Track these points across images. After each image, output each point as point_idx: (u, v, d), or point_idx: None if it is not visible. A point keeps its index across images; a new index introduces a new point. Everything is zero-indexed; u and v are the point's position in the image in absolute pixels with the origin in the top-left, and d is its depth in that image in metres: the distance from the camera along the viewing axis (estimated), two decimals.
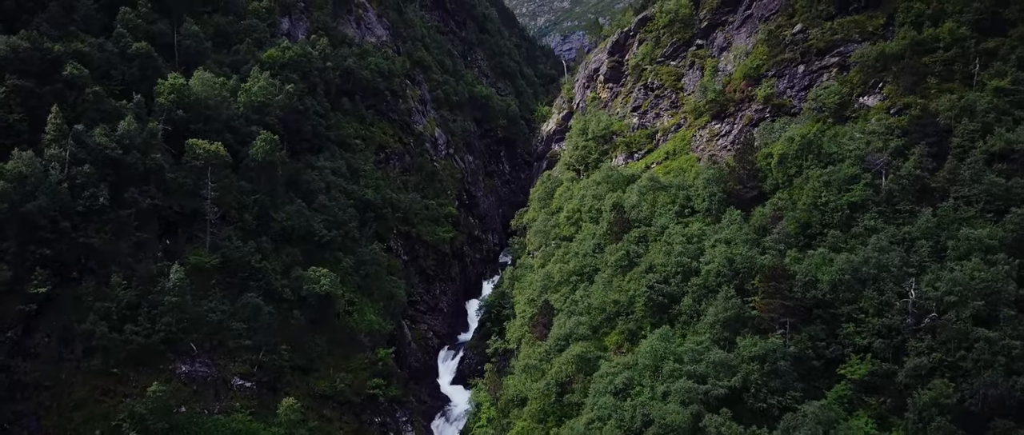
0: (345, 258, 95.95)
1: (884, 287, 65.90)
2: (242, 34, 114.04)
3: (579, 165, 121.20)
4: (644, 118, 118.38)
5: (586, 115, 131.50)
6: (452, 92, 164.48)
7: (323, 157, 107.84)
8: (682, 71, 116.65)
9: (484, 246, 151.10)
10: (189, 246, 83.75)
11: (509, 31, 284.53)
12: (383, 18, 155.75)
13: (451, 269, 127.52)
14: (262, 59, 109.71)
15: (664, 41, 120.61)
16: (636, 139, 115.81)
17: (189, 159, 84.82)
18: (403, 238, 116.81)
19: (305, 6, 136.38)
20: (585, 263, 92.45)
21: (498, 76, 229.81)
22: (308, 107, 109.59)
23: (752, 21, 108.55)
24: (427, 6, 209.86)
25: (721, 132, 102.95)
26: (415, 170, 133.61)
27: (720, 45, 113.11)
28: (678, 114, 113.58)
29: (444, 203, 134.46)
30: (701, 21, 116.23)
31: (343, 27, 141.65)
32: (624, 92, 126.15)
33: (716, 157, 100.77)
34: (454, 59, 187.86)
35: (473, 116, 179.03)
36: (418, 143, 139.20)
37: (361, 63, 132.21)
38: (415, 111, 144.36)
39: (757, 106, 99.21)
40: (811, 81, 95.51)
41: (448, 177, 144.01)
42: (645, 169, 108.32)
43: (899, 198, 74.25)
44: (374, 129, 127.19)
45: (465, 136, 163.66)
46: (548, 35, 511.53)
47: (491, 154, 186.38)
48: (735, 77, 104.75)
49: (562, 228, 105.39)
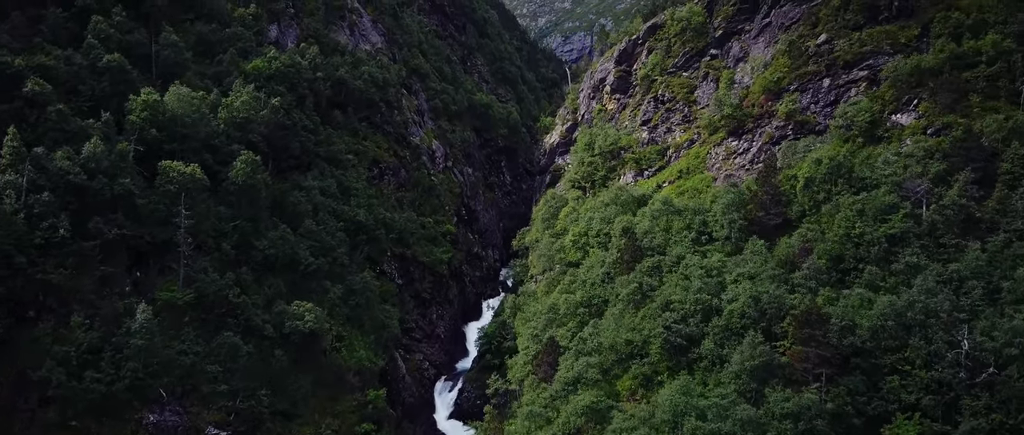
0: (333, 287, 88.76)
1: (933, 335, 58.71)
2: (226, 43, 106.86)
3: (585, 182, 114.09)
4: (654, 133, 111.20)
5: (592, 128, 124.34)
6: (450, 101, 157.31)
7: (311, 176, 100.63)
8: (695, 83, 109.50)
9: (484, 263, 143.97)
10: (161, 279, 76.56)
11: (510, 34, 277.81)
12: (378, 24, 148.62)
13: (449, 291, 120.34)
14: (246, 70, 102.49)
15: (675, 50, 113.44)
16: (646, 155, 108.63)
17: (162, 183, 77.57)
18: (398, 261, 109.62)
19: (295, 12, 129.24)
20: (593, 294, 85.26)
21: (498, 82, 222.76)
22: (296, 122, 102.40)
23: (771, 30, 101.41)
24: (425, 10, 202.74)
25: (739, 150, 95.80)
26: (411, 185, 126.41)
27: (736, 55, 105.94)
28: (691, 129, 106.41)
29: (441, 220, 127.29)
30: (715, 30, 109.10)
31: (335, 34, 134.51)
32: (632, 104, 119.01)
33: (734, 177, 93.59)
34: (453, 66, 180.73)
35: (472, 125, 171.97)
36: (415, 156, 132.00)
37: (354, 73, 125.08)
38: (411, 122, 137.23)
39: (778, 122, 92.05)
40: (837, 96, 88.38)
41: (446, 192, 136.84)
42: (656, 188, 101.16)
43: (943, 230, 67.09)
44: (367, 143, 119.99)
45: (464, 147, 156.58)
46: (549, 36, 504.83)
47: (491, 164, 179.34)
48: (753, 90, 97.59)
49: (568, 253, 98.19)
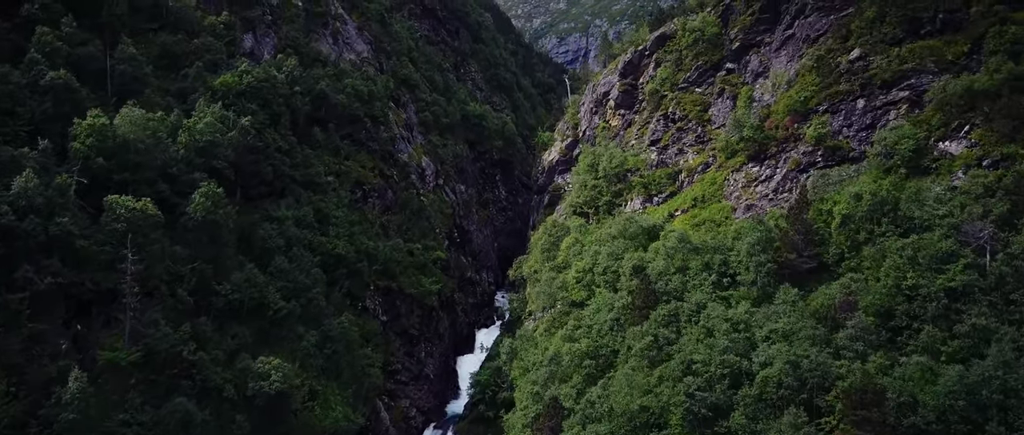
0: (307, 334, 78.79)
1: (1015, 419, 49.08)
2: (193, 56, 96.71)
3: (587, 208, 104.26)
4: (664, 154, 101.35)
5: (595, 147, 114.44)
6: (442, 114, 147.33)
7: (285, 204, 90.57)
8: (709, 100, 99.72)
9: (478, 288, 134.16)
10: (107, 333, 66.40)
11: (505, 37, 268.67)
12: (364, 32, 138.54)
13: (439, 325, 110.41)
14: (214, 86, 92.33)
15: (687, 64, 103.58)
16: (656, 179, 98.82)
17: (109, 221, 67.39)
18: (382, 295, 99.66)
19: (273, 20, 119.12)
20: (601, 343, 75.54)
21: (493, 89, 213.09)
22: (268, 143, 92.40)
23: (794, 43, 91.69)
24: (416, 14, 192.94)
25: (760, 177, 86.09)
26: (398, 207, 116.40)
27: (755, 70, 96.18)
28: (705, 151, 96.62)
29: (431, 245, 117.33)
30: (731, 42, 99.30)
31: (317, 44, 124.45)
32: (639, 122, 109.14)
33: (756, 208, 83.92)
34: (445, 74, 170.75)
35: (465, 138, 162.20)
36: (402, 175, 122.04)
37: (336, 86, 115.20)
38: (399, 138, 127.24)
39: (806, 147, 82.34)
40: (874, 120, 78.70)
41: (436, 212, 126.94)
42: (668, 218, 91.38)
43: (1013, 285, 57.36)
44: (350, 163, 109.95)
45: (456, 162, 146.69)
46: (544, 37, 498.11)
47: (486, 179, 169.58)
48: (776, 110, 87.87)
49: (571, 291, 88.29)
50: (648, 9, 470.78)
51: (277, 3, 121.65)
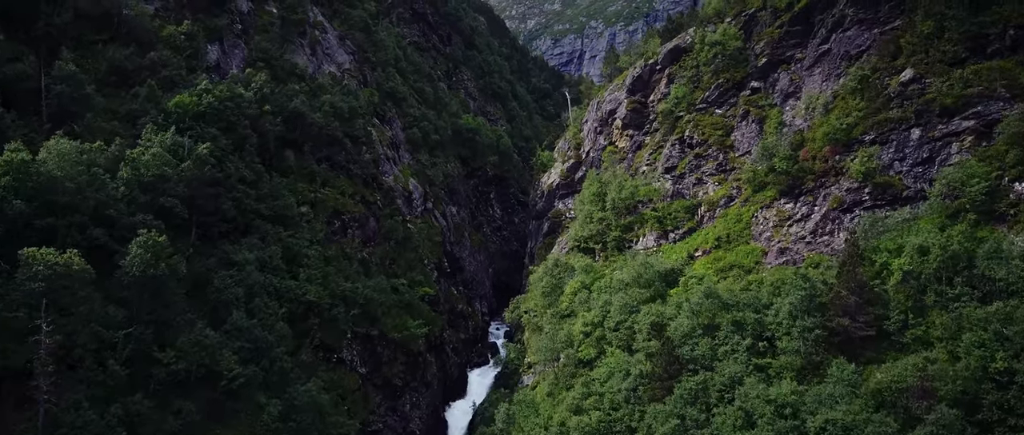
0: (269, 403, 66.97)
1: None
2: (147, 72, 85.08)
3: (594, 244, 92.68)
4: (681, 184, 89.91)
5: (601, 173, 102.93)
6: (431, 129, 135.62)
7: (248, 244, 78.75)
8: (732, 123, 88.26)
9: (470, 322, 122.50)
10: (19, 417, 54.88)
11: (499, 41, 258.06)
12: (346, 41, 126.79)
13: (426, 371, 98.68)
14: (167, 108, 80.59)
15: (706, 81, 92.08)
16: (671, 212, 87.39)
17: (24, 279, 55.68)
18: (361, 343, 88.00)
19: (243, 29, 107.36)
20: (615, 418, 64.16)
21: (487, 98, 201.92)
22: (230, 174, 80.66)
23: (831, 60, 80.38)
24: (405, 19, 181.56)
25: (795, 215, 74.75)
26: (381, 238, 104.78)
27: (784, 90, 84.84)
28: (728, 182, 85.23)
29: (418, 279, 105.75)
30: (756, 57, 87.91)
31: (293, 55, 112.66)
32: (651, 145, 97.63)
33: (791, 252, 72.62)
34: (435, 85, 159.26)
35: (457, 154, 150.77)
36: (387, 201, 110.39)
37: (313, 103, 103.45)
38: (384, 159, 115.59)
39: (850, 183, 71.03)
40: (932, 153, 67.43)
41: (425, 240, 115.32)
42: (688, 260, 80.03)
43: None
44: (327, 190, 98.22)
45: (447, 182, 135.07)
46: (538, 38, 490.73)
47: (479, 197, 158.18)
48: (813, 138, 76.56)
49: (579, 347, 76.80)
50: (643, 10, 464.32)
51: (248, 10, 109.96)
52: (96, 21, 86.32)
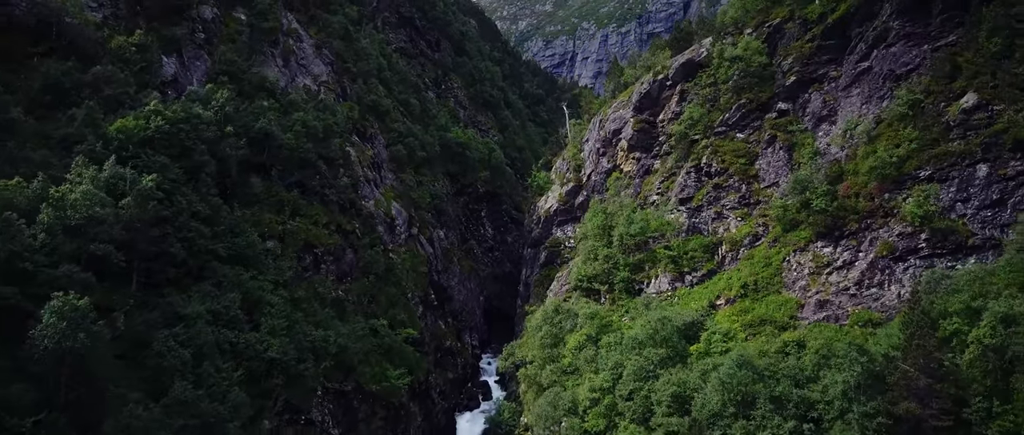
0: None
1: None
2: (89, 90, 74.21)
3: (599, 284, 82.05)
4: (698, 217, 79.41)
5: (605, 200, 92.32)
6: (417, 146, 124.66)
7: (200, 292, 67.73)
8: (756, 150, 77.86)
9: (459, 359, 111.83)
10: None
11: (491, 45, 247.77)
12: (324, 50, 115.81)
13: (409, 424, 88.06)
14: (108, 133, 69.64)
15: (725, 101, 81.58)
16: (688, 251, 76.90)
17: None
18: (334, 400, 77.34)
19: (206, 38, 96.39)
20: None
21: (478, 107, 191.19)
22: (181, 209, 69.53)
23: (872, 79, 70.10)
24: (391, 24, 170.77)
25: (836, 261, 64.38)
26: (359, 272, 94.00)
27: (817, 113, 74.48)
28: (753, 218, 74.81)
29: (400, 317, 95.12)
30: (784, 74, 77.50)
31: (263, 67, 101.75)
32: (662, 171, 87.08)
33: (833, 306, 62.28)
34: (422, 96, 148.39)
35: (446, 170, 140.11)
36: (367, 228, 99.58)
37: (284, 121, 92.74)
38: (363, 182, 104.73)
39: (903, 227, 60.74)
40: (1005, 194, 57.30)
41: (408, 271, 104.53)
42: (709, 309, 69.59)
43: None
44: (298, 220, 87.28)
45: (434, 203, 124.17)
46: (530, 40, 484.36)
47: (469, 216, 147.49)
48: (855, 170, 66.21)
49: (587, 417, 65.99)
50: (636, 11, 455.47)
51: (212, 17, 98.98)
52: (31, 31, 75.69)
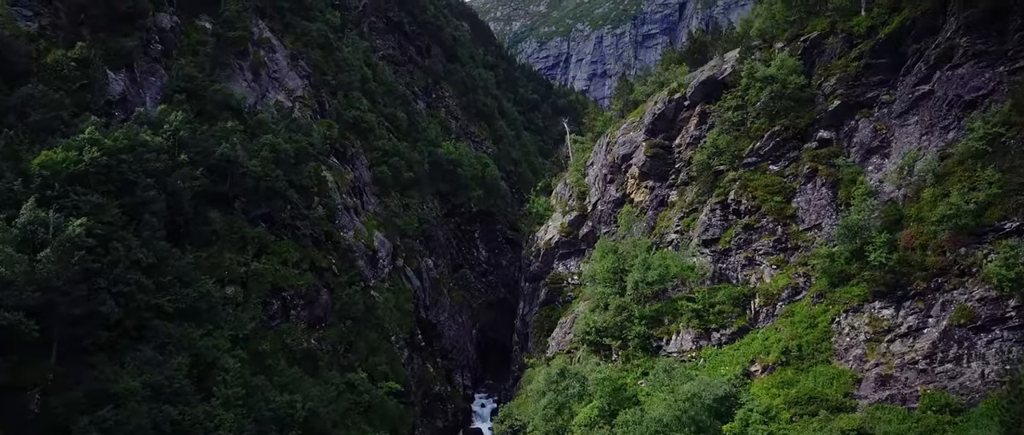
0: None
1: None
2: (12, 115, 63.23)
3: (610, 338, 71.06)
4: (725, 262, 68.64)
5: (614, 235, 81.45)
6: (404, 166, 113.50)
7: (138, 360, 56.46)
8: (792, 184, 67.02)
9: (449, 405, 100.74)
10: None
11: (484, 48, 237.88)
12: (300, 61, 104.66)
13: None
14: (29, 169, 58.56)
15: (755, 127, 70.73)
16: (715, 304, 66.07)
17: None
18: None
19: (163, 50, 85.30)
20: None
21: (471, 117, 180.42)
22: (118, 258, 58.36)
23: (934, 105, 59.45)
24: (378, 29, 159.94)
25: (899, 326, 53.67)
26: (335, 316, 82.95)
27: (865, 143, 63.76)
28: (791, 266, 64.04)
29: (381, 367, 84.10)
30: (825, 98, 66.73)
31: (229, 82, 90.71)
32: (681, 205, 76.26)
33: (897, 383, 51.60)
34: (411, 108, 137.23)
35: (436, 190, 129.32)
36: (345, 264, 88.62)
37: (250, 145, 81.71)
38: (342, 210, 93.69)
39: (985, 290, 50.06)
40: None
41: (392, 310, 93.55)
42: (743, 377, 58.77)
43: None
44: (264, 260, 76.23)
45: (422, 228, 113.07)
46: (524, 41, 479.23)
47: (461, 238, 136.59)
48: (919, 216, 55.50)
49: None
50: (631, 13, 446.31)
51: (171, 26, 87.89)
52: None
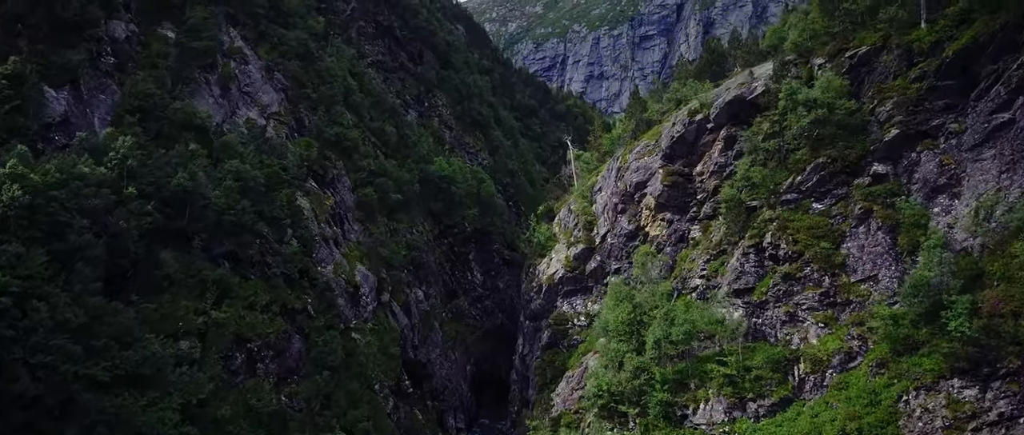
0: None
1: None
2: None
3: (626, 405, 61.00)
4: (761, 316, 58.78)
5: (626, 273, 71.61)
6: (392, 187, 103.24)
7: None
8: (842, 227, 57.03)
9: None
10: None
11: (479, 52, 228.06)
12: (276, 73, 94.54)
13: None
14: None
15: (796, 158, 60.75)
16: (751, 368, 56.11)
17: None
18: None
19: (116, 64, 75.35)
20: None
21: (465, 127, 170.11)
22: (38, 320, 48.29)
23: (1016, 136, 49.73)
24: (367, 35, 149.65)
25: (986, 413, 43.89)
26: (310, 364, 72.83)
27: (930, 180, 53.93)
28: (842, 325, 54.12)
29: (362, 420, 73.86)
30: (880, 125, 56.83)
31: (194, 97, 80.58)
32: (706, 245, 66.31)
33: None
34: (400, 121, 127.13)
35: (428, 209, 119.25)
36: (322, 304, 78.48)
37: (212, 173, 71.66)
38: (320, 242, 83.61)
39: None
40: None
41: (376, 354, 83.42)
42: None
43: None
44: (227, 307, 66.10)
45: (412, 256, 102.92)
46: (520, 42, 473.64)
47: (455, 261, 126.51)
48: (1005, 275, 45.70)
49: None
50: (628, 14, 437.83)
51: (126, 36, 77.89)
52: None
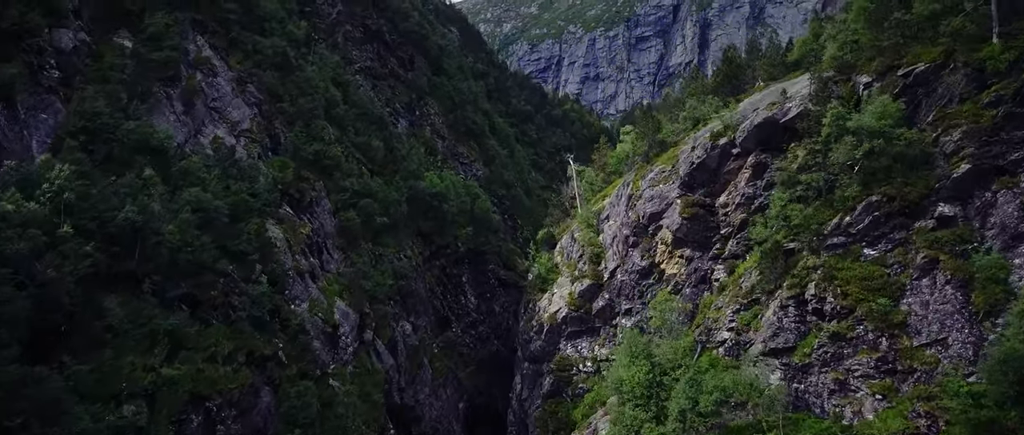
0: None
1: None
2: None
3: None
4: (804, 382, 50.05)
5: (639, 314, 62.80)
6: (377, 210, 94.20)
7: None
8: (900, 279, 48.31)
9: None
10: None
11: (474, 55, 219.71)
12: (249, 84, 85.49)
13: None
14: None
15: (844, 195, 52.02)
16: None
17: None
18: None
19: (62, 78, 66.33)
20: None
21: (459, 136, 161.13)
22: None
23: None
24: (355, 39, 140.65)
25: None
26: (281, 421, 63.92)
27: (1010, 225, 45.21)
28: (905, 397, 45.38)
29: None
30: (946, 158, 48.12)
31: (153, 115, 71.55)
32: (734, 291, 57.47)
33: None
34: (388, 133, 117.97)
35: (417, 229, 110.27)
36: (295, 349, 69.41)
37: (169, 205, 62.78)
38: (294, 277, 74.56)
39: None
40: None
41: (356, 403, 74.49)
42: None
43: None
44: (181, 361, 57.20)
45: (399, 285, 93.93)
46: (515, 43, 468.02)
47: (447, 284, 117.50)
48: None
49: None
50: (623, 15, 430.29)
51: (74, 46, 68.88)
52: None
